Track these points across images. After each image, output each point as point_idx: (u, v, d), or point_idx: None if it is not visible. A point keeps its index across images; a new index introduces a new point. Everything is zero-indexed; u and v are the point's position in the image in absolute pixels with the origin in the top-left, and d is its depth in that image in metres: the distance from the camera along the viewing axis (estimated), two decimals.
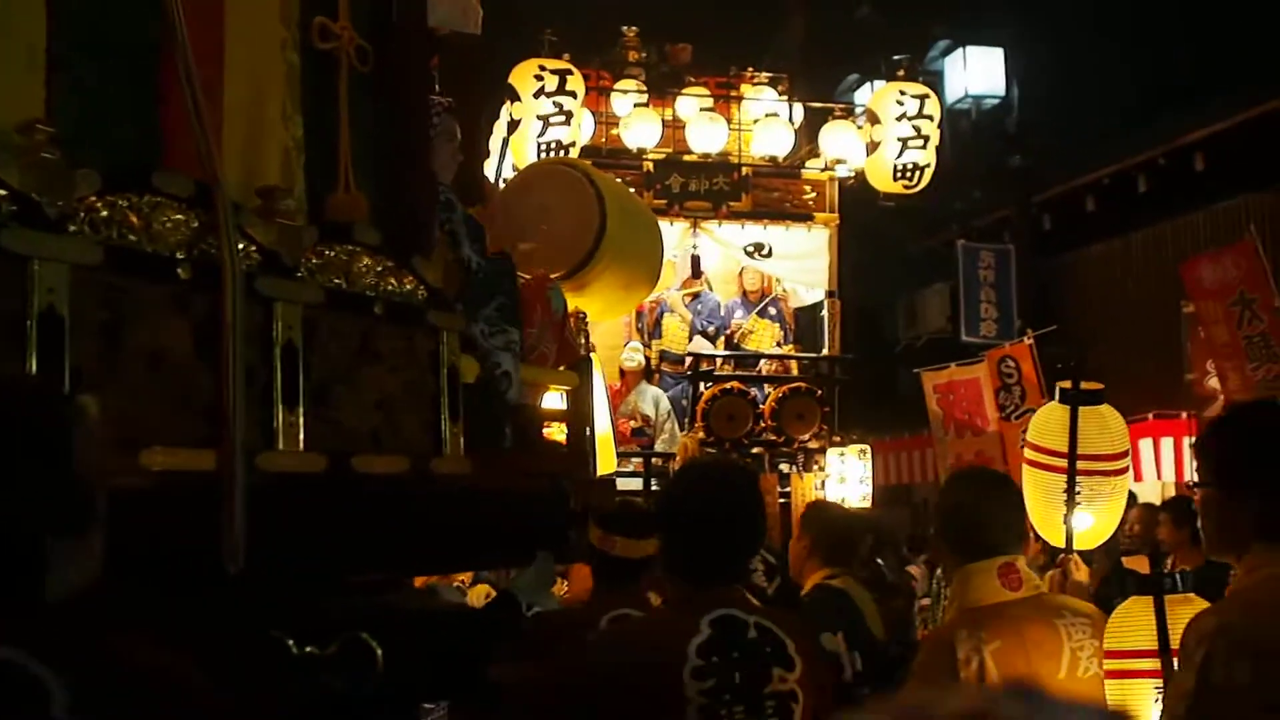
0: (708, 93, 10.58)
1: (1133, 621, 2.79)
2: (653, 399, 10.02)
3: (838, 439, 10.06)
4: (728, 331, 10.69)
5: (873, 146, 10.36)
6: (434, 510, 3.04)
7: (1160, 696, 2.69)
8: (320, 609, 2.57)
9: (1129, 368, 12.63)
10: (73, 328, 2.22)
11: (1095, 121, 14.74)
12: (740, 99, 10.79)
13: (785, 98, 11.02)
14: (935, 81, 15.82)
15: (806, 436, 9.84)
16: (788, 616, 2.93)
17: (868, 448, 10.02)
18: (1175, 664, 2.47)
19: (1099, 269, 15.23)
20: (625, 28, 11.31)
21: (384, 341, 2.98)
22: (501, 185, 5.28)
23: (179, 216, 2.47)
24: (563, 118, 9.37)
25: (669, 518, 2.92)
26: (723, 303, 11.05)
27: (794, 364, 10.75)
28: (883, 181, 10.46)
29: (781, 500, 9.52)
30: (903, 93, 10.43)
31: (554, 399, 3.82)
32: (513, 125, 8.93)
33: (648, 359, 10.29)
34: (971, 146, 15.96)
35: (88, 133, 2.44)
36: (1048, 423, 3.76)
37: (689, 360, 10.22)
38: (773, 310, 10.86)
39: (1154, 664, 2.78)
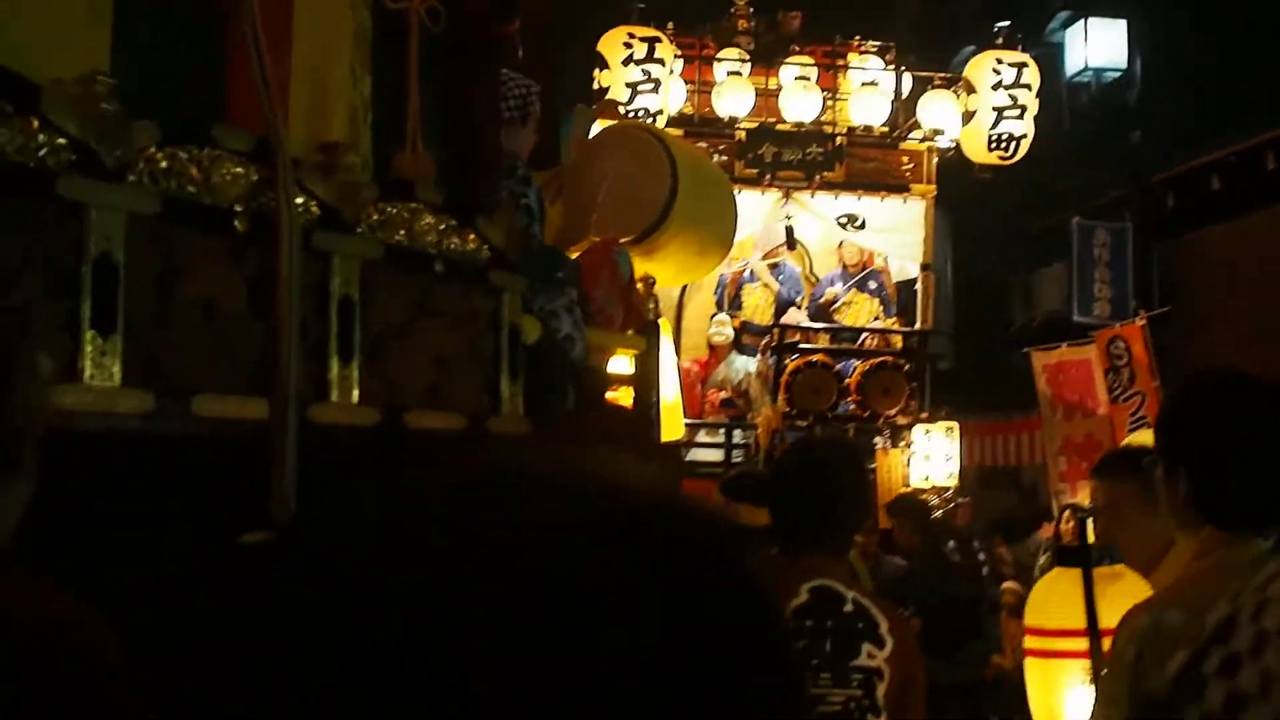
0: (812, 61, 10.44)
1: (1059, 596, 2.55)
2: (741, 368, 10.00)
3: (925, 416, 9.91)
4: (821, 301, 10.59)
5: (968, 116, 10.14)
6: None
7: (1088, 680, 2.44)
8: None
9: (1247, 352, 12.27)
10: (127, 275, 2.28)
11: (1223, 96, 14.29)
12: (846, 68, 10.64)
13: (893, 67, 10.84)
14: (1055, 53, 15.47)
15: (893, 412, 9.71)
16: (886, 601, 2.99)
17: (955, 425, 9.82)
18: (1105, 649, 2.27)
19: (1220, 249, 14.80)
20: None
21: (443, 299, 3.02)
22: None
23: (238, 170, 2.52)
24: (651, 85, 9.37)
25: (777, 490, 3.04)
26: (813, 275, 10.95)
27: (896, 339, 10.62)
28: (978, 152, 10.24)
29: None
30: (999, 61, 10.16)
31: (622, 364, 3.84)
32: (600, 93, 8.95)
33: (736, 331, 10.24)
34: (1092, 122, 15.61)
35: (151, 86, 2.50)
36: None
37: (776, 332, 10.17)
38: (873, 284, 10.70)
39: (1081, 644, 2.52)
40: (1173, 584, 2.15)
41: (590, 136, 4.12)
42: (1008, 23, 10.48)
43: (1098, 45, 14.88)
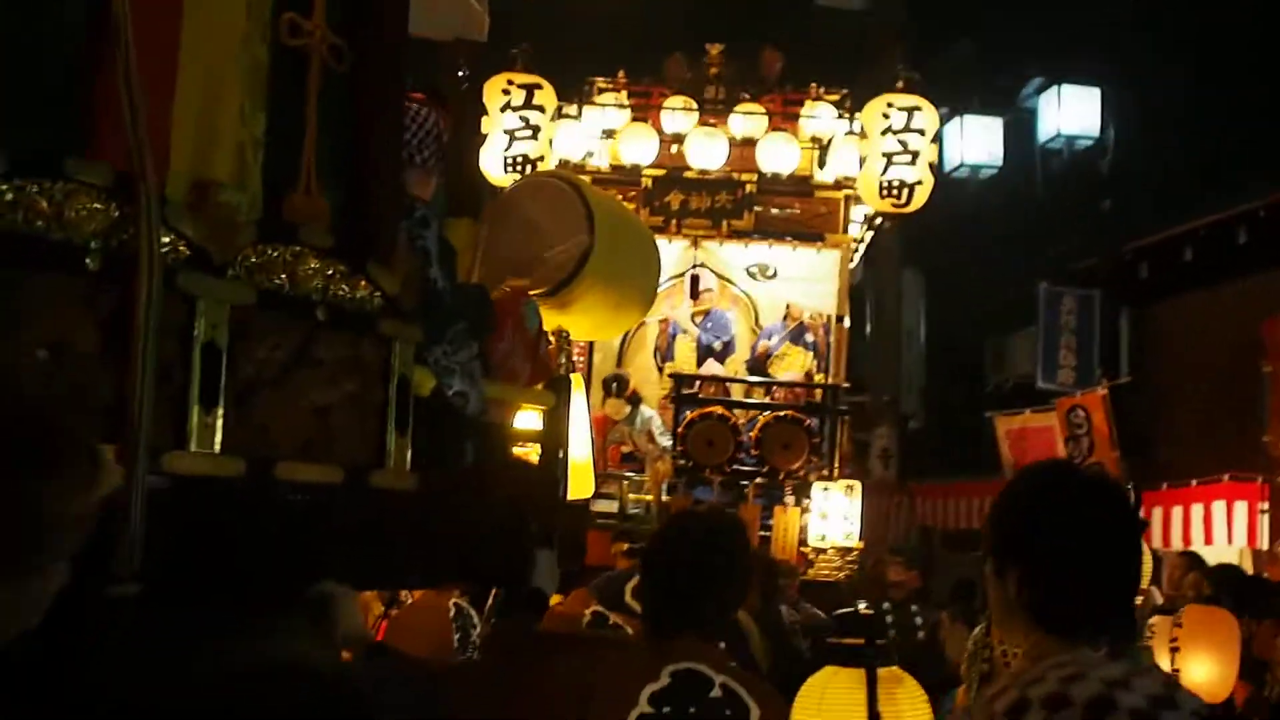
0: (762, 110, 10.37)
1: (833, 698, 2.46)
2: (645, 422, 9.85)
3: (826, 472, 9.67)
4: (758, 353, 10.46)
5: (862, 162, 9.98)
6: (369, 525, 2.95)
7: None
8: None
9: (1208, 425, 12.22)
10: None
11: (1195, 166, 14.31)
12: (797, 117, 10.56)
13: (846, 115, 10.75)
14: (1029, 119, 15.50)
15: (796, 466, 9.47)
16: (763, 684, 2.83)
17: (856, 484, 9.56)
18: None
19: (1190, 320, 14.78)
20: (710, 45, 11.25)
21: (326, 348, 2.90)
22: None
23: (96, 206, 2.41)
24: (529, 132, 9.38)
25: (649, 566, 2.91)
26: (757, 327, 10.82)
27: (817, 393, 10.45)
28: (871, 199, 10.05)
29: (762, 534, 9.09)
30: (890, 105, 9.94)
31: (531, 419, 3.72)
32: (482, 138, 8.90)
33: (635, 395, 10.03)
34: (1065, 188, 15.63)
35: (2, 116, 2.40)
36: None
37: (696, 383, 10.00)
38: (809, 337, 10.56)
39: None
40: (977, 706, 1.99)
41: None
42: (902, 66, 10.28)
43: (1071, 112, 14.93)
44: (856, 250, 12.32)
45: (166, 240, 2.51)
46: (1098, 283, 15.06)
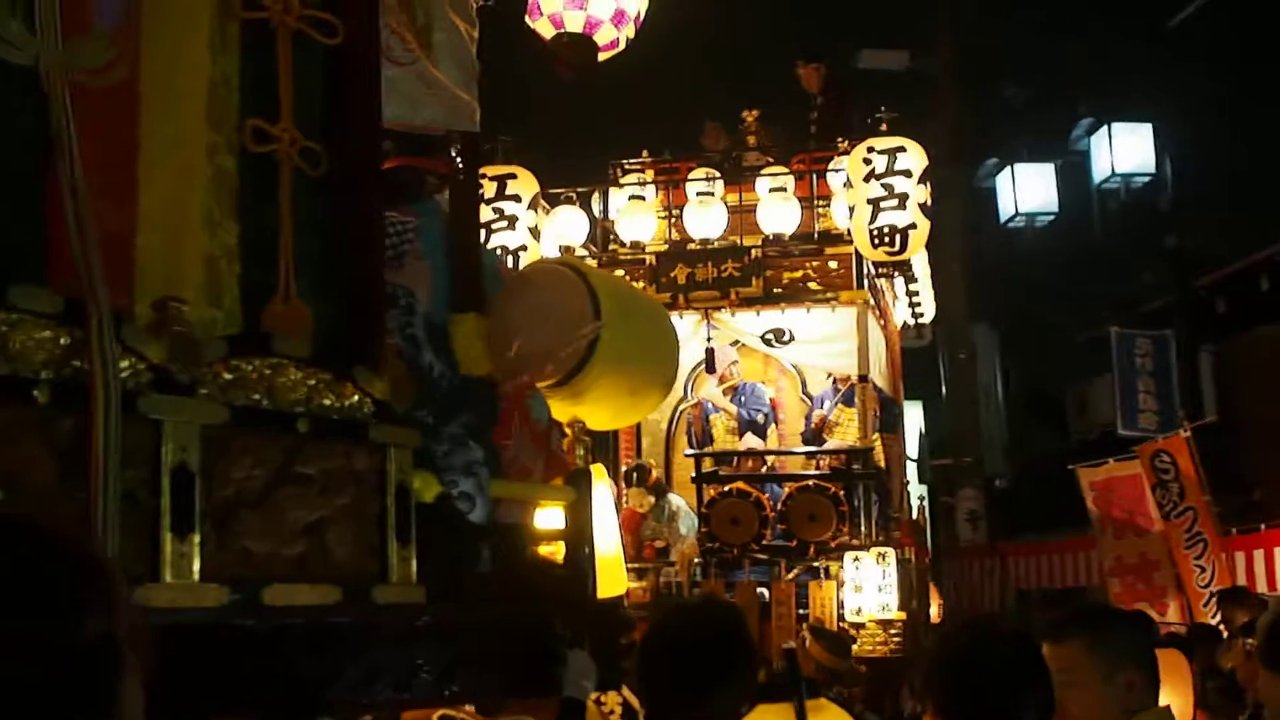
0: (786, 171, 10.17)
1: None
2: (669, 514, 9.56)
3: (856, 541, 9.24)
4: (814, 424, 10.16)
5: (851, 211, 9.64)
6: (375, 644, 2.79)
7: None
8: None
9: None
10: None
11: (1259, 193, 13.93)
12: (824, 173, 10.29)
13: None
14: (1082, 161, 15.22)
15: (826, 536, 9.07)
16: None
17: (889, 551, 9.11)
18: None
19: (1272, 352, 14.32)
20: (746, 111, 11.18)
21: (313, 461, 2.76)
22: None
23: (45, 334, 2.30)
24: (505, 223, 9.30)
25: (641, 659, 2.74)
26: (805, 397, 10.55)
27: (876, 455, 10.06)
28: (865, 248, 9.67)
29: (800, 613, 8.78)
30: (871, 149, 9.53)
31: (554, 516, 3.55)
32: None
33: (658, 484, 9.74)
34: (1125, 227, 15.30)
35: None
36: None
37: (735, 460, 9.76)
38: (858, 399, 10.18)
39: None
40: None
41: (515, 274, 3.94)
42: (882, 110, 9.89)
43: (1124, 150, 14.60)
44: (920, 309, 11.98)
45: (125, 364, 2.40)
46: (1172, 322, 14.65)
